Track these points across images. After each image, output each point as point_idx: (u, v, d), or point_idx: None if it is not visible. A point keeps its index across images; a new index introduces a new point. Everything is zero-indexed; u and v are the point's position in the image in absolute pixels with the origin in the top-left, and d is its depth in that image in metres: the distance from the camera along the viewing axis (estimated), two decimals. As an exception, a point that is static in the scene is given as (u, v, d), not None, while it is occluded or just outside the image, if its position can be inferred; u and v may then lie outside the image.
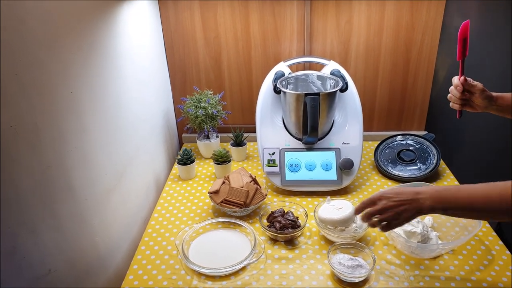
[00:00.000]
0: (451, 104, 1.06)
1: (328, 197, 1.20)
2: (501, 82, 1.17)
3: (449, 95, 1.06)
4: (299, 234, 1.13)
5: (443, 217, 1.15)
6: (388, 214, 0.84)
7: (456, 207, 0.81)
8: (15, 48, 0.68)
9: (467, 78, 1.02)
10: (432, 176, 1.38)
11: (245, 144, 1.55)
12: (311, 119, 1.23)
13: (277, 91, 1.33)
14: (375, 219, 0.87)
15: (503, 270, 0.99)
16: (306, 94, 1.23)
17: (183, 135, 1.72)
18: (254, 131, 1.40)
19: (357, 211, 0.91)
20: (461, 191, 0.81)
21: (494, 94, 1.01)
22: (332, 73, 1.36)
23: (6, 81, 0.65)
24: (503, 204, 0.75)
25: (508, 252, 1.05)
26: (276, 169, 1.32)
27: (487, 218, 0.94)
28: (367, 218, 0.88)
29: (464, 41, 0.99)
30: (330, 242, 1.09)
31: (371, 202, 0.87)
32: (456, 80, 1.03)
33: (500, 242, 1.08)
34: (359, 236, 1.09)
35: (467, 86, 1.02)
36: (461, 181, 1.36)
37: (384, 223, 0.86)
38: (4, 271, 0.66)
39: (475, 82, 1.02)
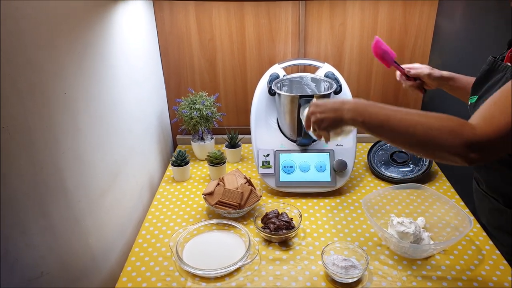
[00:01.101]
0: (410, 91, 1.21)
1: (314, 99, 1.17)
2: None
3: (403, 85, 1.20)
4: (294, 235, 1.13)
5: (435, 217, 1.16)
6: (314, 120, 0.89)
7: (374, 122, 0.80)
8: (8, 48, 0.68)
9: (406, 70, 1.16)
10: (425, 177, 1.39)
11: (239, 145, 1.55)
12: (305, 121, 1.24)
13: (271, 93, 1.34)
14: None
15: (493, 270, 1.00)
16: (301, 96, 1.23)
17: (178, 136, 1.72)
18: (249, 133, 1.40)
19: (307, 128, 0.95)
20: (384, 109, 0.80)
21: (446, 74, 1.13)
22: (326, 76, 1.37)
23: None
24: (417, 129, 0.74)
25: (497, 251, 1.06)
26: (271, 170, 1.32)
27: (400, 143, 0.82)
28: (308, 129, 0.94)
29: (383, 55, 1.14)
30: (324, 243, 1.10)
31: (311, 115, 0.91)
32: (397, 77, 1.21)
33: (490, 242, 1.09)
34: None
35: (412, 75, 1.16)
36: (453, 183, 1.37)
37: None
38: (-4, 272, 0.66)
39: (419, 70, 1.15)
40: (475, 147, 0.70)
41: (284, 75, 1.40)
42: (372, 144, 1.51)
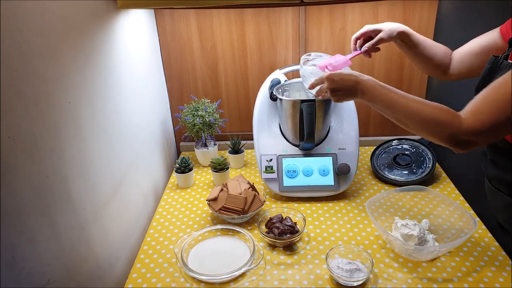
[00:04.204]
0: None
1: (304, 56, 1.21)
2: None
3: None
4: (298, 239, 1.13)
5: (440, 219, 1.16)
6: (328, 89, 0.99)
7: (380, 105, 0.92)
8: (13, 59, 0.69)
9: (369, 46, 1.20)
10: (428, 180, 1.39)
11: (242, 151, 1.56)
12: (307, 126, 1.24)
13: (273, 98, 1.34)
14: (324, 93, 1.03)
15: (500, 271, 1.00)
16: (302, 101, 1.24)
17: (181, 143, 1.73)
18: (252, 139, 1.41)
19: (312, 86, 1.06)
20: (389, 94, 0.91)
21: (413, 39, 1.14)
22: (327, 80, 1.37)
23: (4, 92, 0.67)
24: (415, 117, 0.85)
25: (504, 253, 1.05)
26: (274, 175, 1.33)
27: (401, 125, 0.93)
28: (317, 94, 1.07)
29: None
30: (328, 247, 1.10)
31: (322, 81, 1.02)
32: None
33: (496, 243, 1.09)
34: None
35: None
36: (456, 184, 1.37)
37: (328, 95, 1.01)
38: (3, 281, 0.66)
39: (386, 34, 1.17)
40: (459, 140, 0.80)
41: (285, 80, 1.41)
42: (375, 147, 1.51)
